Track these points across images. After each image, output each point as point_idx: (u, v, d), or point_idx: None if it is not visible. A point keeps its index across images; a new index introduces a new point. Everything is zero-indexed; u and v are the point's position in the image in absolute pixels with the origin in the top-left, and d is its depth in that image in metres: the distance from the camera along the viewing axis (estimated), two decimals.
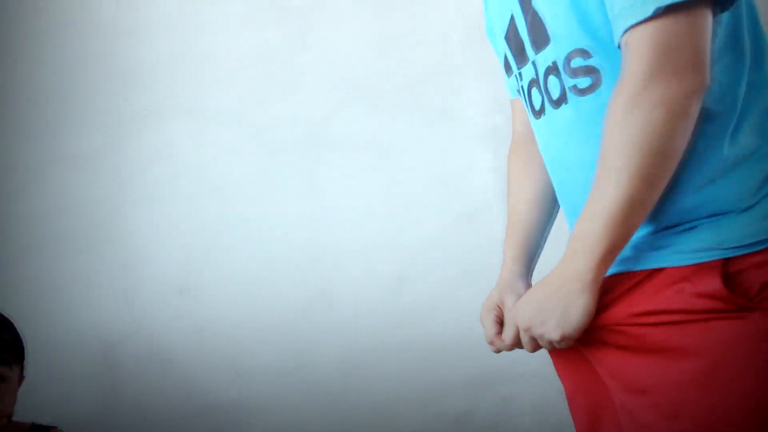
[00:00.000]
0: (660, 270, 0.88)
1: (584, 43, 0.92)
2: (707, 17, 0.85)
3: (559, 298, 0.87)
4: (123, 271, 1.74)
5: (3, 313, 1.53)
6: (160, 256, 1.74)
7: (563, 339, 0.88)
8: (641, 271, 0.90)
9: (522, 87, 1.05)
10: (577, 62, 0.93)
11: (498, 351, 1.03)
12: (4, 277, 1.76)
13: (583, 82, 0.93)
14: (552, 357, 1.08)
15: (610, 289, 0.91)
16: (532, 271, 1.08)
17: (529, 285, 1.05)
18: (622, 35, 0.85)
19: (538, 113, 1.02)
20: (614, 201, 0.83)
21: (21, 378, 1.51)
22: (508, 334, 0.96)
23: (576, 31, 0.92)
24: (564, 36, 0.93)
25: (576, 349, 0.97)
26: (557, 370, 1.08)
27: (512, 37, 1.04)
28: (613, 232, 0.84)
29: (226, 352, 1.69)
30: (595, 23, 0.91)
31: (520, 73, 1.05)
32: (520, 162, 1.15)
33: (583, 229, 0.87)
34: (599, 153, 0.86)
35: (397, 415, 1.61)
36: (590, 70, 0.92)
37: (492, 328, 1.02)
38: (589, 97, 0.93)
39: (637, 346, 0.89)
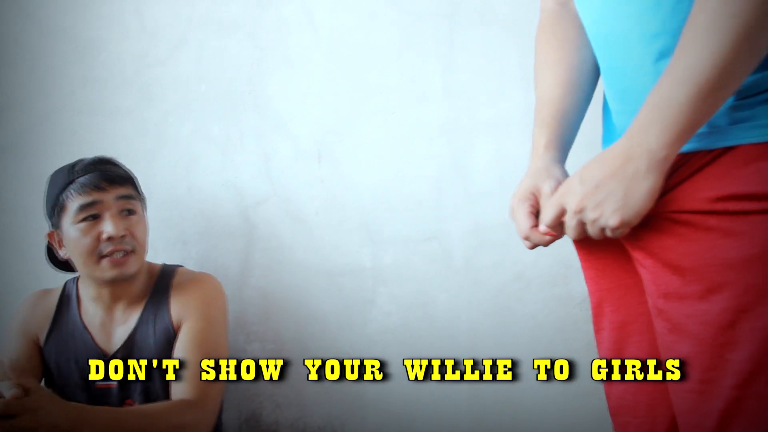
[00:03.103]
0: (734, 147, 0.75)
1: None
2: None
3: (622, 177, 0.75)
4: (261, 137, 1.80)
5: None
6: (297, 123, 1.78)
7: (621, 226, 0.77)
8: (712, 150, 0.77)
9: None
10: None
11: (533, 246, 0.93)
12: (150, 141, 1.85)
13: None
14: (581, 257, 0.97)
15: (674, 171, 0.78)
16: (565, 161, 0.97)
17: (566, 173, 0.92)
18: None
19: None
20: (708, 65, 0.69)
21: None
22: (548, 216, 0.84)
23: None
24: None
25: (611, 249, 0.88)
26: (585, 272, 0.98)
27: None
28: (700, 102, 0.70)
29: (359, 219, 1.73)
30: None
31: None
32: (553, 42, 1.01)
33: (663, 98, 0.72)
34: (693, 7, 0.71)
35: (521, 292, 1.61)
36: None
37: (527, 220, 0.91)
38: None
39: (697, 239, 0.76)
